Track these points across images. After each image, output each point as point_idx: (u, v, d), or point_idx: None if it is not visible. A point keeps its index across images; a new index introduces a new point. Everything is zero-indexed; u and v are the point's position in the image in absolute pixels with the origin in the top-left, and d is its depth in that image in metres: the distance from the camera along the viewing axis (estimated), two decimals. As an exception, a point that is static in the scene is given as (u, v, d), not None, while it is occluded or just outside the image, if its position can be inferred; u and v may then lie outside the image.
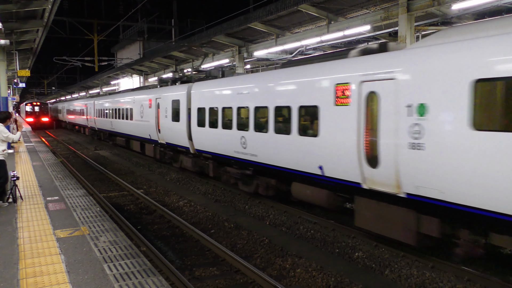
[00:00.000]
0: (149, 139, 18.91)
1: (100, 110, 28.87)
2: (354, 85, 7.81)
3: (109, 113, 26.21)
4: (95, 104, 30.72)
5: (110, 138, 28.63)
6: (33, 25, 17.56)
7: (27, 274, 5.32)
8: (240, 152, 11.57)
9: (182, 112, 15.06)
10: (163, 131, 16.97)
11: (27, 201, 9.28)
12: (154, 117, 17.85)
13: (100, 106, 29.02)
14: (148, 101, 18.61)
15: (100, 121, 29.37)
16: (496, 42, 5.61)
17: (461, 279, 6.84)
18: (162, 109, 16.93)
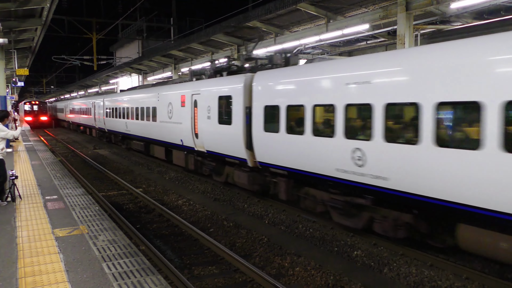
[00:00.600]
0: (180, 146, 15.53)
1: (112, 109, 25.38)
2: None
3: (123, 112, 22.74)
4: (105, 102, 27.50)
5: (123, 141, 25.09)
6: (32, 24, 17.55)
7: (26, 273, 5.32)
8: (350, 171, 8.14)
9: (235, 112, 11.64)
10: (203, 136, 13.61)
11: (26, 200, 9.27)
12: (189, 118, 14.50)
13: (112, 104, 25.51)
14: (180, 98, 15.12)
15: (111, 121, 26.05)
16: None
17: (460, 277, 6.85)
18: (201, 108, 13.59)
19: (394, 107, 7.31)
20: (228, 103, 12.08)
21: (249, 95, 11.21)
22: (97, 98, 30.24)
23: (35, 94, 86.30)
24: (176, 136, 15.71)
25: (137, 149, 21.79)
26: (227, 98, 12.10)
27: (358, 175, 7.97)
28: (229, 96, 12.01)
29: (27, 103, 50.68)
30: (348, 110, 8.22)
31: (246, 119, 11.21)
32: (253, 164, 11.31)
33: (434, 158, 6.54)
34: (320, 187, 9.46)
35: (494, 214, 5.91)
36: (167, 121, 16.46)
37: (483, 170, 5.92)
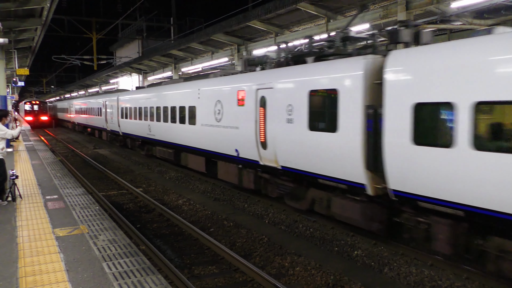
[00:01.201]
0: (233, 157, 12.02)
1: (130, 109, 21.75)
2: None
3: (145, 113, 19.35)
4: (120, 101, 23.83)
5: (143, 147, 21.61)
6: (32, 24, 17.56)
7: (26, 272, 5.32)
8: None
9: (345, 113, 8.15)
10: (275, 145, 10.07)
11: (26, 199, 9.27)
12: (250, 122, 10.97)
13: (130, 103, 21.85)
14: (236, 95, 11.65)
15: (128, 123, 22.36)
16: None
17: (460, 277, 6.86)
18: (274, 108, 10.08)
19: None
20: (330, 101, 8.53)
21: (371, 88, 7.72)
22: (110, 97, 26.49)
23: (35, 94, 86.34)
24: (228, 145, 12.17)
25: (162, 157, 18.37)
26: (328, 94, 8.60)
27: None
28: (331, 91, 8.45)
29: (27, 102, 50.69)
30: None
31: (368, 125, 7.68)
32: (376, 192, 7.80)
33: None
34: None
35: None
36: (212, 125, 12.90)
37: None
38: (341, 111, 8.22)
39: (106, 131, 28.31)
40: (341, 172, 8.34)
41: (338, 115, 8.27)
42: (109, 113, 26.33)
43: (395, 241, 8.28)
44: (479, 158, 5.87)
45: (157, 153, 19.08)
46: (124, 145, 25.27)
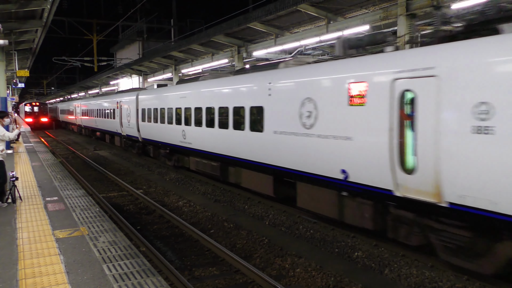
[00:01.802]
0: (336, 180, 8.48)
1: (154, 111, 17.92)
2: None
3: (177, 115, 15.76)
4: (140, 100, 20.00)
5: (170, 156, 17.64)
6: (32, 25, 17.58)
7: (26, 274, 5.32)
8: None
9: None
10: (441, 169, 6.38)
11: (26, 201, 9.27)
12: (380, 129, 7.37)
13: (154, 103, 18.14)
14: (346, 89, 8.06)
15: (151, 128, 18.51)
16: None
17: (460, 278, 6.84)
18: (443, 108, 6.33)
19: None
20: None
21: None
22: (126, 96, 22.78)
23: (36, 96, 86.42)
24: (325, 162, 8.63)
25: (202, 170, 14.68)
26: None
27: None
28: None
29: (27, 104, 50.72)
30: None
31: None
32: None
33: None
34: None
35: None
36: (296, 133, 9.34)
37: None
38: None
39: (120, 137, 24.26)
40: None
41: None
42: (124, 116, 22.36)
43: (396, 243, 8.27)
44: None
45: (192, 165, 15.48)
46: (143, 153, 21.58)
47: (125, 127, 22.57)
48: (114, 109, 24.57)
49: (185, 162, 16.39)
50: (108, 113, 26.17)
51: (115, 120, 24.54)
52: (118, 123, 23.79)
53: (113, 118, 24.89)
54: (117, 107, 23.75)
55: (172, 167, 17.87)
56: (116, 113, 24.22)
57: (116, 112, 24.23)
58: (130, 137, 22.17)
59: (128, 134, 22.47)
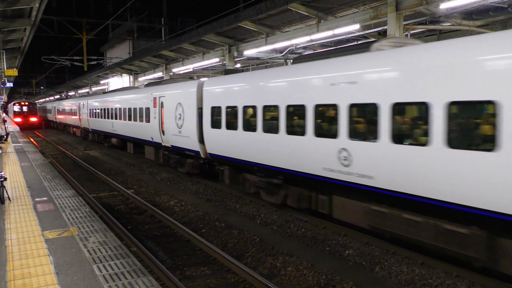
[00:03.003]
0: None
1: (271, 112, 10.52)
2: None
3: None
4: (205, 95, 13.46)
5: (312, 202, 10.03)
6: (21, 24, 17.38)
7: (15, 276, 5.26)
8: None
9: None
10: None
11: (15, 202, 9.17)
12: None
13: (260, 97, 10.83)
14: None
15: (252, 142, 11.22)
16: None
17: (450, 275, 6.92)
18: None
19: None
20: None
21: None
22: (174, 88, 15.85)
23: (25, 95, 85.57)
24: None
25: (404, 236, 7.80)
26: None
27: None
28: None
29: (16, 104, 50.16)
30: None
31: None
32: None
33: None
34: None
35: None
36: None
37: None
38: None
39: (158, 147, 17.93)
40: None
41: None
42: (170, 117, 15.93)
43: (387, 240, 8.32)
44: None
45: (352, 217, 8.71)
46: (206, 174, 15.38)
47: (170, 134, 15.98)
48: (149, 107, 18.09)
49: (323, 205, 9.44)
50: (137, 113, 19.63)
51: (149, 124, 18.04)
52: (157, 128, 17.25)
53: (146, 121, 18.45)
54: (155, 104, 17.32)
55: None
56: (152, 113, 17.71)
57: (152, 112, 17.71)
58: (179, 149, 15.68)
59: (174, 145, 15.89)
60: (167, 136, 16.38)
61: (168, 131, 16.18)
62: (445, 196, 6.50)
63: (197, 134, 13.97)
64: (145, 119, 18.50)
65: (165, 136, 16.51)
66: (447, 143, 6.42)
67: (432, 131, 6.63)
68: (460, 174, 6.29)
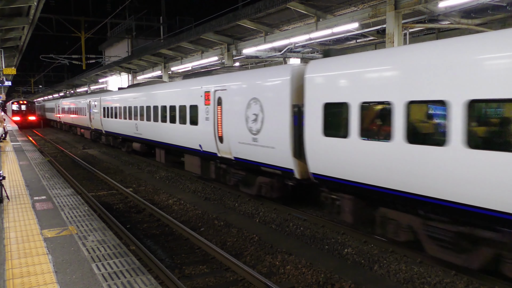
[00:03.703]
0: None
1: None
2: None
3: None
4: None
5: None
6: (19, 23, 17.32)
7: (14, 274, 5.26)
8: None
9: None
10: None
11: (14, 201, 9.16)
12: None
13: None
14: None
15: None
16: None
17: (449, 274, 6.93)
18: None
19: None
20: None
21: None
22: (251, 76, 11.27)
23: (23, 94, 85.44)
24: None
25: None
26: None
27: None
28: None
29: (14, 102, 50.08)
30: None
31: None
32: None
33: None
34: None
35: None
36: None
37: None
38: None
39: (214, 159, 13.15)
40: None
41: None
42: (231, 118, 11.64)
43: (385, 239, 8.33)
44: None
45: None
46: (298, 199, 11.78)
47: (235, 142, 11.47)
48: (196, 105, 13.47)
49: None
50: (175, 113, 15.18)
51: (196, 128, 13.55)
52: (209, 133, 12.71)
53: (191, 124, 13.93)
54: (207, 101, 12.84)
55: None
56: (202, 113, 13.16)
57: (202, 112, 13.15)
58: (248, 163, 11.19)
59: (240, 158, 11.44)
60: (227, 145, 11.86)
61: (229, 137, 11.71)
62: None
63: (290, 144, 9.53)
64: (190, 121, 13.96)
65: (224, 144, 12.05)
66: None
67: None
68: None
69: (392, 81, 7.23)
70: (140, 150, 20.04)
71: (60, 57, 33.59)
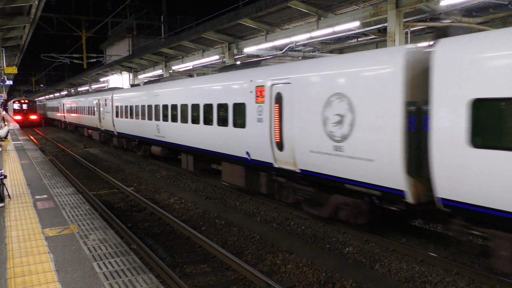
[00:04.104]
0: None
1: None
2: None
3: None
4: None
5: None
6: (20, 22, 17.34)
7: (15, 273, 5.26)
8: None
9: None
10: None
11: (15, 200, 9.17)
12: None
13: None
14: None
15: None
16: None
17: (450, 272, 6.92)
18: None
19: None
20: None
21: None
22: (328, 64, 8.72)
23: (24, 93, 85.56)
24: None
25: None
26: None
27: None
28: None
29: (16, 101, 50.14)
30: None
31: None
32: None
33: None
34: None
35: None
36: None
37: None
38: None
39: (267, 170, 10.69)
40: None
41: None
42: (296, 120, 9.28)
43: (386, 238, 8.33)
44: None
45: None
46: (385, 225, 9.36)
47: (305, 151, 9.14)
48: (244, 103, 10.99)
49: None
50: (211, 112, 12.64)
51: (243, 131, 11.11)
52: (263, 138, 10.34)
53: (236, 126, 11.45)
54: (259, 98, 10.42)
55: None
56: (252, 113, 10.69)
57: (252, 111, 10.69)
58: (323, 178, 8.87)
59: (310, 171, 9.16)
60: (290, 153, 9.47)
61: (294, 144, 9.29)
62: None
63: (402, 156, 7.08)
64: (233, 123, 11.49)
65: (284, 153, 9.66)
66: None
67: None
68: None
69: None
70: (160, 154, 17.72)
71: (61, 56, 33.60)
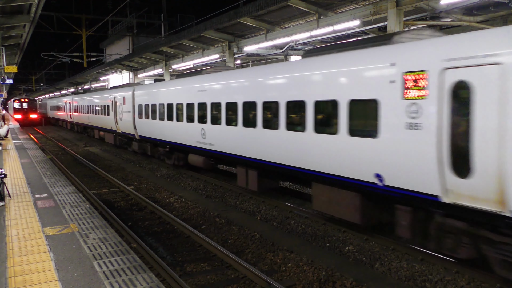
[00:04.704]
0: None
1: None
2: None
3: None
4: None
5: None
6: (20, 20, 17.33)
7: (16, 272, 5.26)
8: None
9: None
10: None
11: (15, 198, 9.17)
12: None
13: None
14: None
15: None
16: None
17: (450, 271, 6.92)
18: None
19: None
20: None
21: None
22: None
23: (24, 92, 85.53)
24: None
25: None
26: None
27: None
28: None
29: (16, 100, 50.12)
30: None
31: None
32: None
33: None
34: None
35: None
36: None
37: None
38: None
39: (426, 209, 7.00)
40: None
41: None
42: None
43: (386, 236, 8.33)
44: None
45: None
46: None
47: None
48: (375, 100, 7.35)
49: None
50: (305, 113, 9.12)
51: (375, 141, 7.45)
52: (428, 154, 6.56)
53: (366, 135, 7.64)
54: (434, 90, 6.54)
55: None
56: (407, 115, 6.88)
57: (407, 112, 6.87)
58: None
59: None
60: (490, 183, 5.74)
61: (505, 168, 5.56)
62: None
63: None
64: (350, 129, 7.97)
65: (473, 181, 5.94)
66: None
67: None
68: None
69: None
70: (203, 165, 14.35)
71: (61, 55, 33.57)
